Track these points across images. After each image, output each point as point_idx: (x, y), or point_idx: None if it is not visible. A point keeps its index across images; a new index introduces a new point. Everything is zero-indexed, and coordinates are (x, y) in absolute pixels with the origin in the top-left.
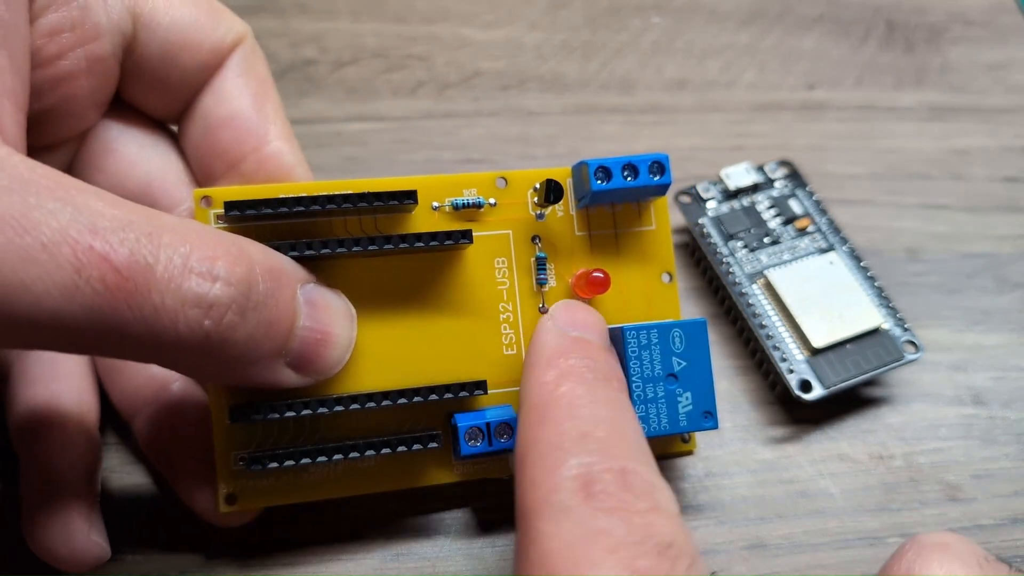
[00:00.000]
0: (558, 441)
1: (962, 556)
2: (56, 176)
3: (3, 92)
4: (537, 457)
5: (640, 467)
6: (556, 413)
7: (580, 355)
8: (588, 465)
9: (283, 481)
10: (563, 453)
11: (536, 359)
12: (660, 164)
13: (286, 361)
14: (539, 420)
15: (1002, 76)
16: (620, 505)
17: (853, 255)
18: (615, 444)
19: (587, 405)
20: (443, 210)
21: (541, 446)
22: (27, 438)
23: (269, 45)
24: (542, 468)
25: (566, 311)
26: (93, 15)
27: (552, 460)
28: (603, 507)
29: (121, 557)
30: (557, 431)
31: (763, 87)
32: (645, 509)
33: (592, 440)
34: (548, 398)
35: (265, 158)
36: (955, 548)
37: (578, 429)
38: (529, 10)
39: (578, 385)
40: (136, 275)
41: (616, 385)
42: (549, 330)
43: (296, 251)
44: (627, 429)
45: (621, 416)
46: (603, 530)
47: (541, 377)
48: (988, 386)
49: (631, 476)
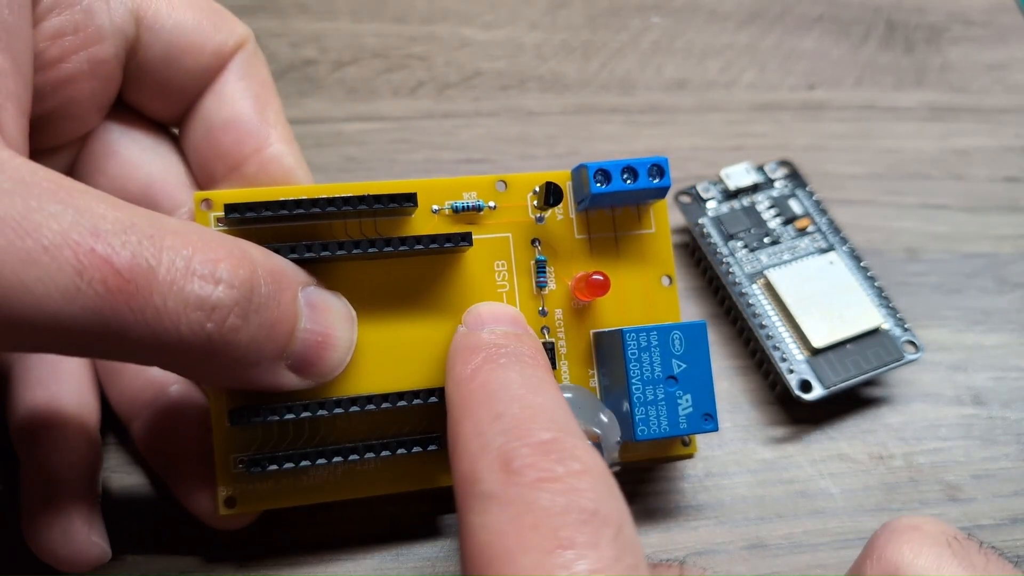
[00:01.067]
0: (476, 429)
1: (932, 536)
2: (58, 179)
3: (6, 95)
4: (460, 451)
5: (559, 433)
6: (473, 404)
7: (490, 345)
8: (504, 444)
9: (282, 484)
10: (481, 439)
11: (452, 362)
12: (659, 167)
13: (287, 363)
14: (460, 416)
15: (1002, 76)
16: (542, 475)
17: (853, 255)
18: (531, 417)
19: (500, 388)
20: (443, 213)
21: (462, 440)
22: (28, 440)
23: (269, 45)
24: (465, 461)
25: (474, 314)
26: (96, 18)
27: (473, 450)
28: (525, 481)
29: (121, 558)
30: (474, 420)
31: (763, 87)
32: (568, 473)
33: (507, 419)
34: (465, 392)
35: (266, 161)
36: (924, 529)
37: (493, 412)
38: (529, 10)
39: (491, 373)
40: (138, 277)
41: (530, 362)
42: (461, 334)
43: (296, 253)
44: (543, 400)
45: (537, 390)
46: (526, 506)
47: (458, 376)
48: (988, 386)
49: (550, 444)
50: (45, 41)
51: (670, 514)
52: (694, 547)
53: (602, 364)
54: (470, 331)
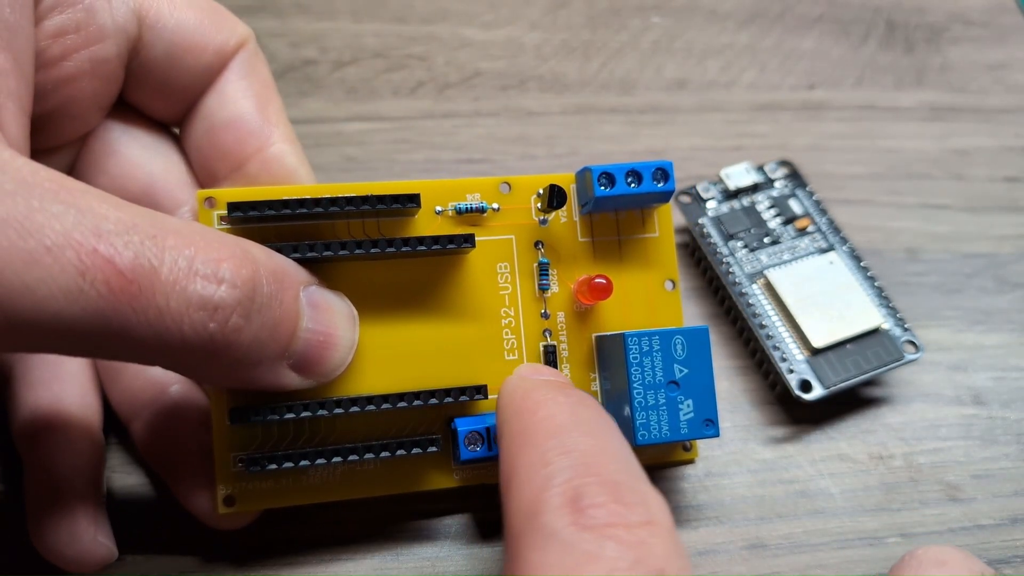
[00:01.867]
0: (541, 461)
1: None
2: (60, 179)
3: (7, 94)
4: (521, 481)
5: (630, 479)
6: (537, 435)
7: (553, 388)
8: (573, 479)
9: (282, 483)
10: (547, 471)
11: (509, 398)
12: (664, 171)
13: (289, 363)
14: (521, 445)
15: (1002, 76)
16: (611, 520)
17: (853, 255)
18: (602, 457)
19: (569, 424)
20: (446, 214)
21: (524, 470)
22: (31, 441)
23: (269, 45)
24: (527, 491)
25: (530, 368)
26: (98, 17)
27: (537, 481)
28: (592, 524)
29: (121, 557)
30: (540, 452)
31: (763, 87)
32: (638, 523)
33: (577, 454)
34: (527, 423)
35: (268, 160)
36: (951, 564)
37: (562, 446)
38: (529, 10)
39: (557, 408)
40: (141, 278)
41: (593, 404)
42: (516, 378)
43: (299, 253)
44: (613, 443)
45: (606, 431)
46: (592, 554)
47: (518, 405)
48: (988, 386)
49: (621, 487)
50: (46, 40)
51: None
52: (694, 547)
53: (604, 368)
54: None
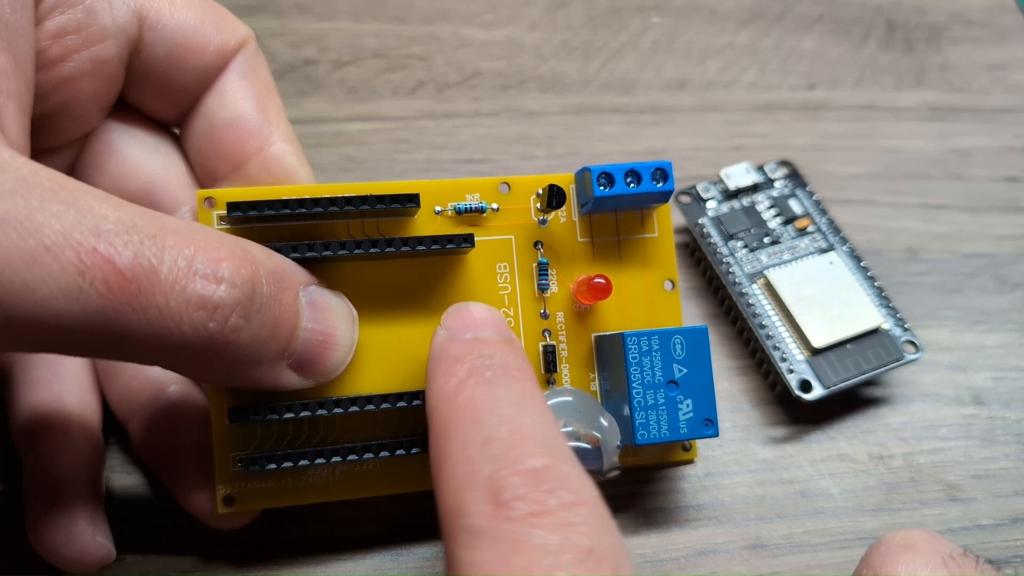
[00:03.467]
0: (463, 455)
1: (927, 555)
2: (60, 179)
3: (7, 94)
4: (446, 477)
5: (550, 460)
6: (459, 424)
7: (475, 355)
8: (493, 473)
9: (281, 483)
10: (469, 466)
11: (433, 371)
12: (663, 171)
13: (288, 363)
14: (444, 436)
15: (1002, 76)
16: (534, 509)
17: (853, 255)
18: (520, 442)
19: (488, 407)
20: (446, 214)
21: (448, 465)
22: (30, 440)
23: (269, 45)
24: (452, 490)
25: (455, 315)
26: (99, 17)
27: (460, 478)
28: (516, 515)
29: (121, 557)
30: (461, 444)
31: (763, 87)
32: (561, 505)
33: (495, 444)
34: (450, 409)
35: (268, 160)
36: (920, 547)
37: (482, 435)
38: (529, 10)
39: (477, 387)
40: (140, 277)
41: (518, 375)
42: (442, 339)
43: (298, 253)
44: (532, 421)
45: (524, 409)
46: (518, 544)
47: (441, 389)
48: (988, 386)
49: (541, 472)
50: (47, 40)
51: (670, 514)
52: (694, 547)
53: (603, 368)
54: (451, 335)
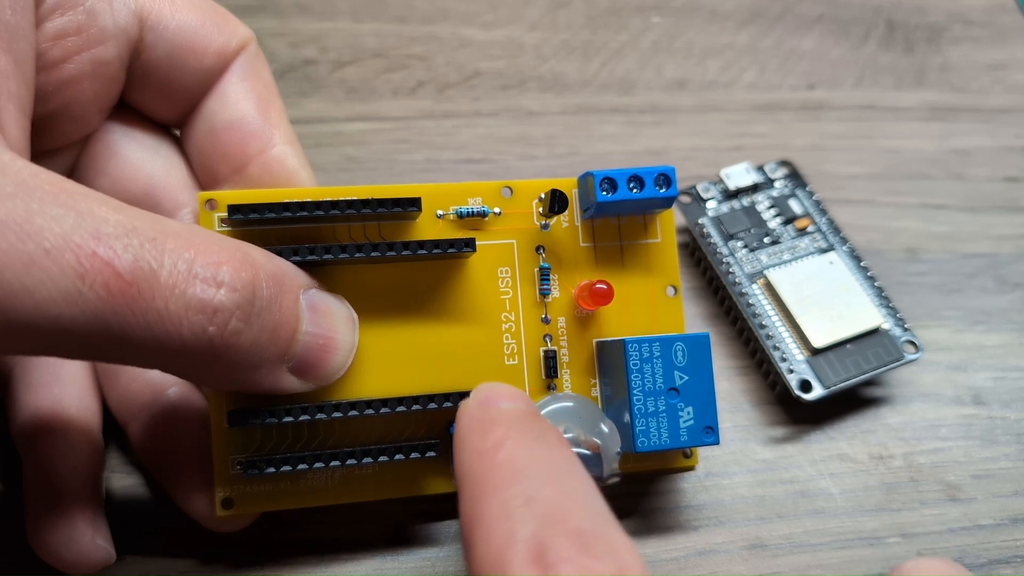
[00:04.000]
0: (503, 512)
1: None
2: (59, 181)
3: (7, 96)
4: (483, 534)
5: (596, 525)
6: (498, 482)
7: (512, 421)
8: (537, 532)
9: (280, 487)
10: (509, 523)
11: (467, 434)
12: (666, 177)
13: (288, 366)
14: (481, 493)
15: (1002, 76)
16: (580, 573)
17: (853, 255)
18: (567, 504)
19: (530, 467)
20: (447, 218)
21: (486, 521)
22: (30, 442)
23: (269, 45)
24: (491, 546)
25: (486, 391)
26: (99, 19)
27: (500, 535)
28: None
29: (121, 558)
30: (501, 501)
31: (763, 87)
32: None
33: (540, 503)
34: (487, 467)
35: (269, 162)
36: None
37: (524, 494)
38: (529, 10)
39: (517, 447)
40: (140, 281)
41: (556, 442)
42: (474, 407)
43: (299, 256)
44: (578, 486)
45: (568, 473)
46: None
47: (476, 448)
48: (988, 386)
49: (587, 536)
50: (47, 42)
51: (670, 514)
52: (694, 547)
53: (604, 374)
54: (483, 405)
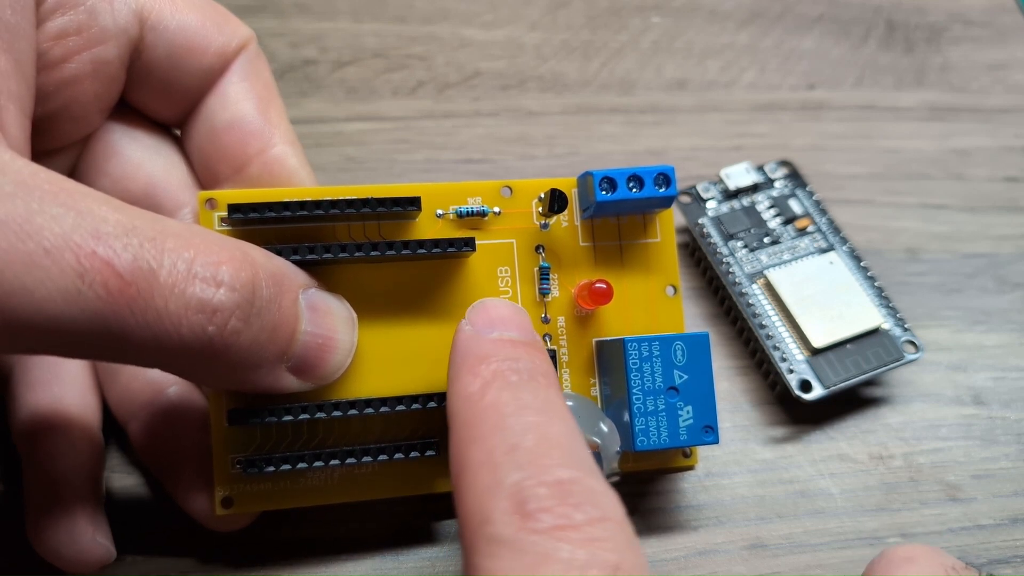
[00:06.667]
0: (487, 460)
1: (929, 568)
2: (59, 181)
3: (8, 96)
4: (468, 483)
5: (576, 472)
6: (483, 428)
7: (502, 357)
8: (519, 482)
9: (280, 486)
10: (493, 473)
11: (458, 370)
12: (666, 176)
13: (288, 366)
14: (468, 439)
15: (1002, 76)
16: (559, 522)
17: (853, 255)
18: (547, 452)
19: (514, 413)
20: (447, 217)
21: (471, 469)
22: (30, 441)
23: (269, 45)
24: (474, 496)
25: (482, 311)
26: (100, 19)
27: (483, 484)
28: (541, 527)
29: (121, 557)
30: (486, 449)
31: (763, 87)
32: (587, 521)
33: (521, 452)
34: (474, 412)
35: (269, 161)
36: (921, 560)
37: (507, 442)
38: (529, 10)
39: (503, 391)
40: (139, 280)
41: (543, 382)
42: (468, 336)
43: (299, 255)
44: (560, 430)
45: (551, 418)
46: (544, 556)
47: (465, 389)
48: (988, 386)
49: (568, 485)
50: (48, 42)
51: (670, 514)
52: (694, 547)
53: (604, 373)
54: (477, 332)
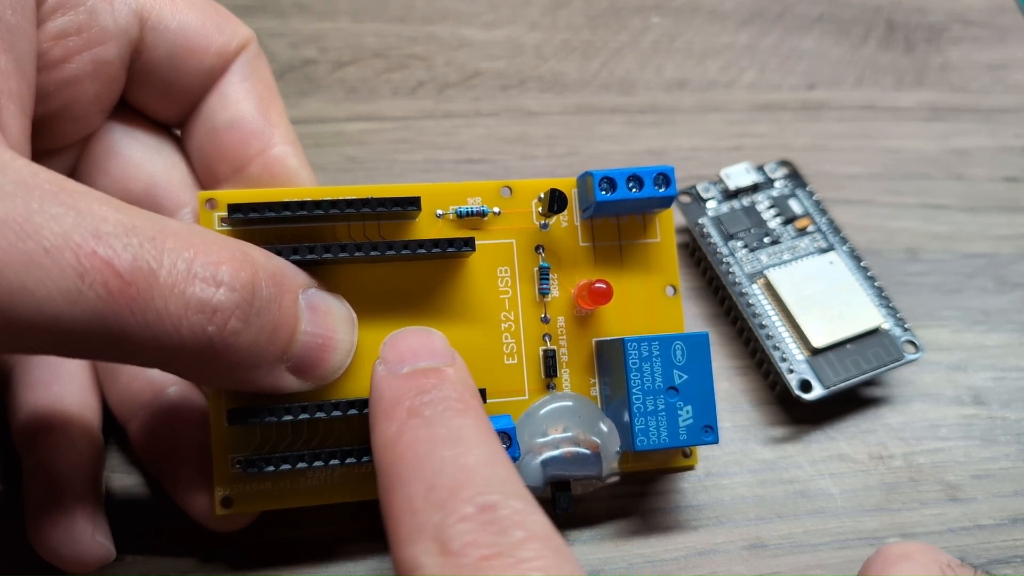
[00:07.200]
0: (408, 506)
1: (924, 565)
2: (59, 180)
3: (8, 96)
4: (394, 531)
5: (496, 496)
6: (402, 472)
7: (413, 393)
8: (439, 523)
9: (280, 485)
10: (415, 519)
11: (375, 416)
12: (665, 176)
13: (287, 366)
14: (389, 486)
15: (1002, 76)
16: (485, 552)
17: (853, 255)
18: (463, 483)
19: (428, 452)
20: (447, 218)
21: (395, 518)
22: (30, 440)
23: (269, 45)
24: (401, 544)
25: (392, 347)
26: (100, 19)
27: (407, 531)
28: (467, 563)
29: (121, 557)
30: (405, 495)
31: (763, 87)
32: (513, 543)
33: (439, 491)
34: (392, 456)
35: (270, 161)
36: (917, 557)
37: (425, 483)
38: (529, 10)
39: (417, 430)
40: (139, 280)
41: (458, 407)
42: (381, 377)
43: (299, 255)
44: (475, 458)
45: (466, 448)
46: None
47: (383, 435)
48: (988, 386)
49: (488, 512)
50: (48, 42)
51: (670, 514)
52: (694, 547)
53: (603, 373)
54: (389, 372)
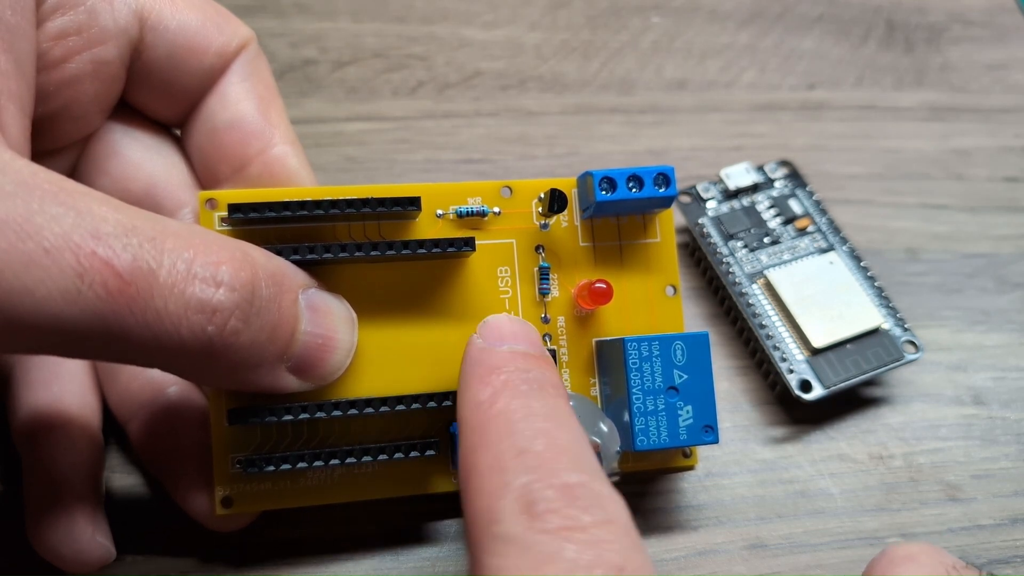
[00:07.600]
0: (496, 464)
1: (930, 566)
2: (59, 181)
3: (8, 96)
4: (477, 485)
5: (584, 477)
6: (493, 434)
7: (512, 368)
8: (528, 484)
9: (280, 485)
10: (502, 476)
11: (468, 379)
12: (665, 176)
13: (287, 366)
14: (477, 444)
15: (1002, 76)
16: (567, 523)
17: (853, 255)
18: (555, 457)
19: (523, 419)
20: (447, 217)
21: (480, 472)
22: (30, 440)
23: (269, 45)
24: (483, 497)
25: (493, 327)
26: (100, 19)
27: (492, 486)
28: (549, 528)
29: (121, 557)
30: (495, 453)
31: (763, 87)
32: (593, 523)
33: (531, 456)
34: (484, 418)
35: (270, 161)
36: (922, 559)
37: (516, 447)
38: (529, 10)
39: (513, 399)
40: (139, 280)
41: (552, 391)
42: (479, 348)
43: (299, 255)
44: (569, 438)
45: (560, 425)
46: (550, 555)
47: (475, 397)
48: (988, 386)
49: (575, 489)
50: (48, 42)
51: (670, 514)
52: (694, 547)
53: (604, 373)
54: (488, 345)
